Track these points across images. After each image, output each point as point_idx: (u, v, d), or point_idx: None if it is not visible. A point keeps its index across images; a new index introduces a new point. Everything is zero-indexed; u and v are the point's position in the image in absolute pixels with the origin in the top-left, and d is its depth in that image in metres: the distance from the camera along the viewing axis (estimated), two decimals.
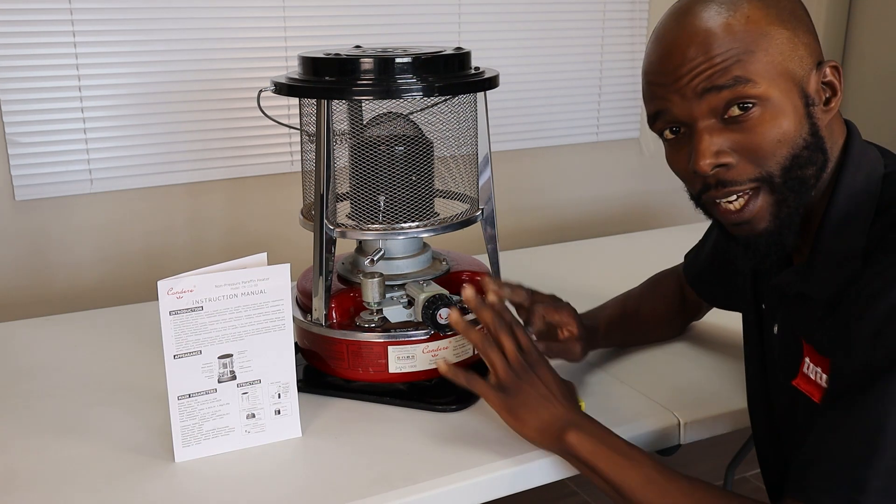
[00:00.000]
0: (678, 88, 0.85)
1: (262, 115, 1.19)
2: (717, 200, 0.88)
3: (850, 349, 0.80)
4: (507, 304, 1.12)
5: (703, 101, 0.84)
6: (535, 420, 0.97)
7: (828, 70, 0.86)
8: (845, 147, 0.89)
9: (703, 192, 0.89)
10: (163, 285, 0.97)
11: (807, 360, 0.90)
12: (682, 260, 1.30)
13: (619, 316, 1.26)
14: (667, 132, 0.90)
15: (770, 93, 0.82)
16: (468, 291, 1.01)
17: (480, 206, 1.20)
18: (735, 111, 0.83)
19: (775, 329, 0.98)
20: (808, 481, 0.80)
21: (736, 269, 1.08)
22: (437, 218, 1.16)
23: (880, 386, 0.76)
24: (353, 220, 1.15)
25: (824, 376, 0.86)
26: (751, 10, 0.84)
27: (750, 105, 0.83)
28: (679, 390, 1.18)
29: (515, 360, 0.99)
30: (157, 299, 0.97)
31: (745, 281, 1.06)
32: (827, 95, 0.86)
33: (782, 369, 0.96)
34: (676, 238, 1.05)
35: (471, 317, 1.10)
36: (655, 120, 0.90)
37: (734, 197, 0.87)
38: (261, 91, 1.14)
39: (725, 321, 1.32)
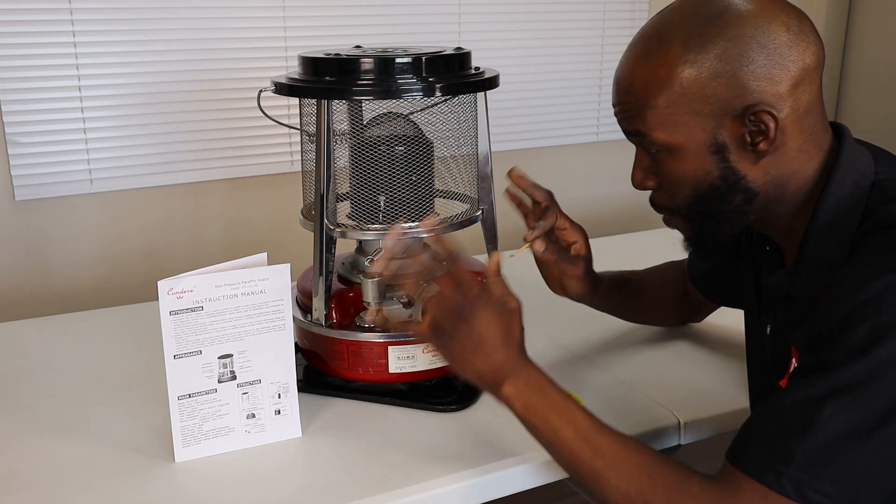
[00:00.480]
0: (617, 116, 0.94)
1: (262, 115, 1.19)
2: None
3: (814, 341, 0.81)
4: (525, 197, 1.16)
5: (629, 135, 0.93)
6: (471, 369, 0.93)
7: (758, 114, 0.84)
8: (835, 153, 0.89)
9: None
10: (163, 285, 0.97)
11: (793, 360, 0.92)
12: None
13: (623, 281, 1.28)
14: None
15: (668, 141, 0.87)
16: (377, 265, 1.06)
17: (480, 206, 1.20)
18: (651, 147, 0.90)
19: (768, 329, 0.99)
20: (740, 445, 0.82)
21: (737, 266, 1.08)
22: (438, 218, 1.16)
23: (829, 373, 0.77)
24: (353, 220, 1.15)
25: None
26: (671, 56, 0.85)
27: (654, 149, 0.89)
28: (679, 390, 1.18)
29: (448, 303, 0.92)
30: (157, 299, 0.97)
31: (747, 281, 1.06)
32: (756, 139, 0.85)
33: (774, 369, 0.97)
34: (676, 238, 1.04)
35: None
36: None
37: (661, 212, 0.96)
38: (261, 91, 1.14)
39: (726, 321, 1.33)
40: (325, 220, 1.11)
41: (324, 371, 1.17)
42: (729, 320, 1.28)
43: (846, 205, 0.87)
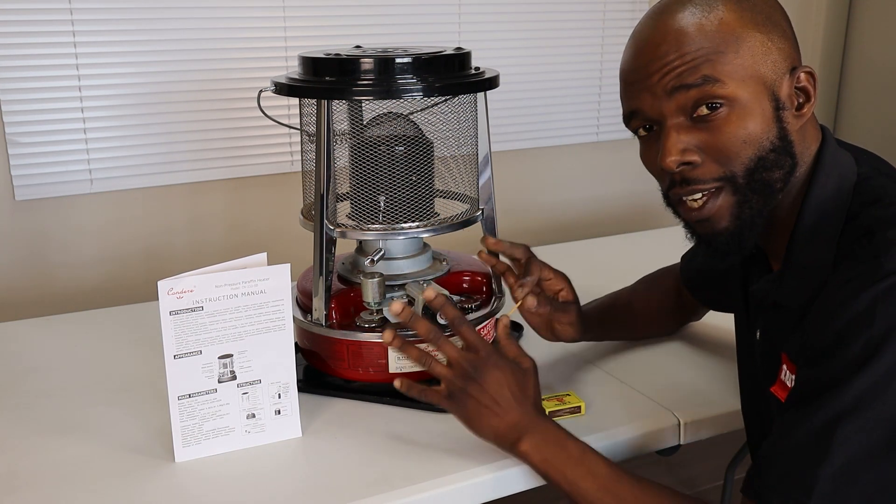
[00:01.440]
0: (649, 86, 0.86)
1: (262, 115, 1.19)
2: (683, 198, 0.89)
3: (811, 358, 0.81)
4: (505, 259, 1.14)
5: (672, 100, 0.85)
6: (488, 429, 0.95)
7: (802, 75, 0.86)
8: (818, 155, 0.89)
9: (671, 188, 0.90)
10: (163, 285, 0.97)
11: (784, 367, 0.91)
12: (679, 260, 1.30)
13: (609, 306, 1.27)
14: (641, 130, 0.92)
15: (738, 94, 0.83)
16: (395, 306, 0.97)
17: (480, 207, 1.20)
18: (703, 110, 0.84)
19: (758, 334, 0.99)
20: (760, 480, 0.82)
21: (728, 271, 1.08)
22: (438, 218, 1.16)
23: (834, 393, 0.77)
24: (353, 220, 1.15)
25: None
26: (725, 13, 0.84)
27: (718, 105, 0.84)
28: (679, 390, 1.18)
29: (458, 367, 0.95)
30: (158, 299, 0.97)
31: (735, 285, 1.06)
32: (800, 100, 0.87)
33: (764, 375, 0.97)
34: (676, 238, 1.05)
35: (468, 317, 1.10)
36: (630, 119, 0.92)
37: (698, 195, 0.88)
38: (261, 91, 1.14)
39: (725, 321, 1.32)
40: (325, 220, 1.11)
41: (324, 371, 1.17)
42: (728, 320, 1.28)
43: (829, 207, 0.86)
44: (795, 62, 0.87)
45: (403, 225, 1.13)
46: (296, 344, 1.16)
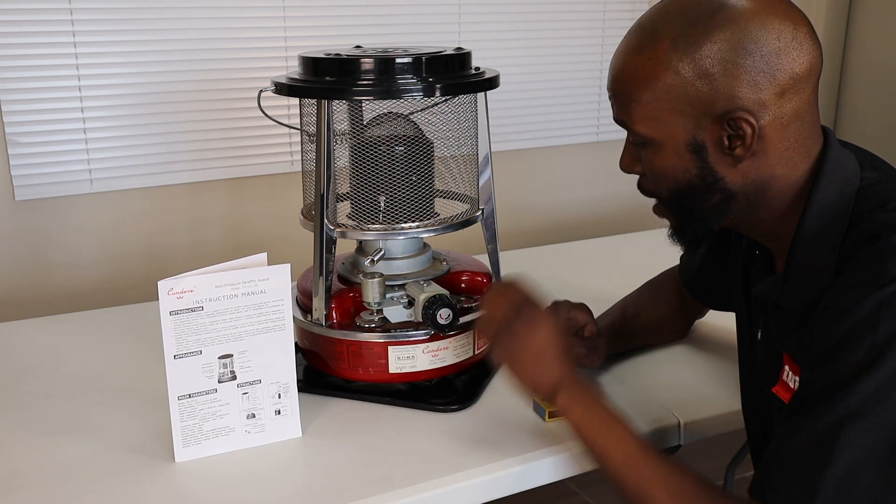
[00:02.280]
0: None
1: (262, 115, 1.19)
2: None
3: (815, 361, 0.81)
4: None
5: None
6: (529, 376, 0.98)
7: (739, 121, 0.84)
8: (820, 160, 0.89)
9: None
10: (163, 285, 0.97)
11: (786, 368, 0.92)
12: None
13: (619, 322, 1.26)
14: None
15: (649, 134, 0.89)
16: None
17: (480, 207, 1.20)
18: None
19: (759, 335, 0.99)
20: (765, 482, 0.82)
21: (728, 270, 1.08)
22: (438, 218, 1.16)
23: (838, 397, 0.77)
24: (353, 220, 1.15)
25: None
26: (659, 52, 0.85)
27: (639, 140, 0.91)
28: (679, 390, 1.18)
29: (515, 312, 0.98)
30: (158, 299, 0.97)
31: (737, 285, 1.06)
32: (735, 144, 0.85)
33: (765, 375, 0.97)
34: None
35: (471, 317, 1.11)
36: None
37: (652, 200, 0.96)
38: (261, 91, 1.14)
39: (725, 321, 1.32)
40: (326, 221, 1.11)
41: (324, 371, 1.17)
42: (729, 320, 1.27)
43: (832, 212, 0.86)
44: (736, 104, 0.83)
45: (403, 225, 1.13)
46: (296, 344, 1.16)
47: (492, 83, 1.13)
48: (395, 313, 1.13)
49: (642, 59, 0.86)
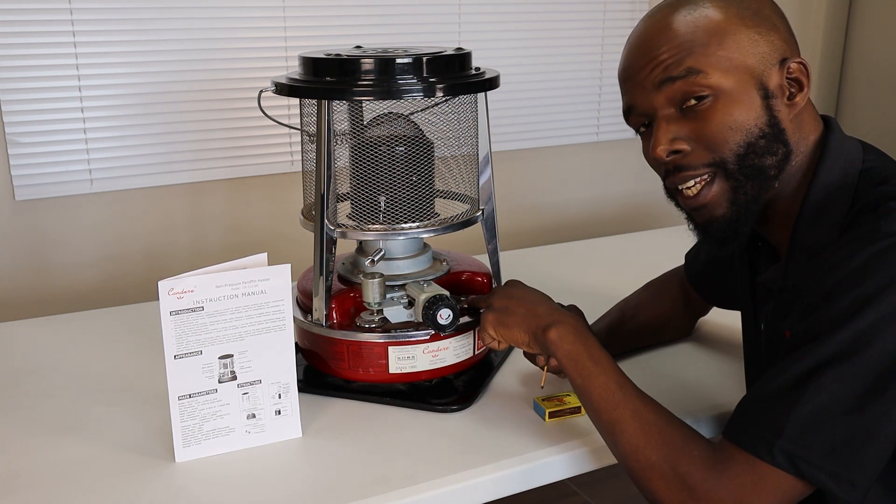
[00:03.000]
0: (640, 82, 0.91)
1: (262, 115, 1.19)
2: (679, 187, 0.93)
3: (803, 313, 0.83)
4: None
5: (660, 93, 0.90)
6: (521, 320, 1.02)
7: (793, 66, 0.89)
8: (823, 142, 0.92)
9: (666, 178, 0.94)
10: (163, 285, 0.97)
11: None
12: (681, 260, 1.30)
13: (619, 322, 1.26)
14: (641, 127, 0.96)
15: (723, 84, 0.87)
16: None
17: (481, 207, 1.20)
18: (691, 101, 0.89)
19: (763, 326, 1.00)
20: (735, 419, 0.85)
21: (734, 267, 1.08)
22: (438, 218, 1.16)
23: (816, 344, 0.80)
24: (353, 220, 1.15)
25: None
26: (710, 10, 0.89)
27: (704, 95, 0.88)
28: (679, 389, 1.18)
29: (504, 291, 1.08)
30: (158, 299, 0.97)
31: (743, 279, 1.06)
32: (792, 90, 0.90)
33: (769, 364, 0.97)
34: (676, 238, 1.05)
35: (468, 318, 1.11)
36: (628, 116, 0.97)
37: (691, 182, 0.92)
38: (261, 91, 1.14)
39: (727, 319, 1.32)
40: (326, 221, 1.11)
41: (324, 371, 1.17)
42: (730, 319, 1.28)
43: (835, 190, 0.89)
44: (787, 54, 0.90)
45: (404, 225, 1.13)
46: (296, 344, 1.16)
47: (492, 83, 1.13)
48: (396, 313, 1.13)
49: (704, 11, 0.89)
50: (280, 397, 1.06)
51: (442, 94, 1.10)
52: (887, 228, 0.80)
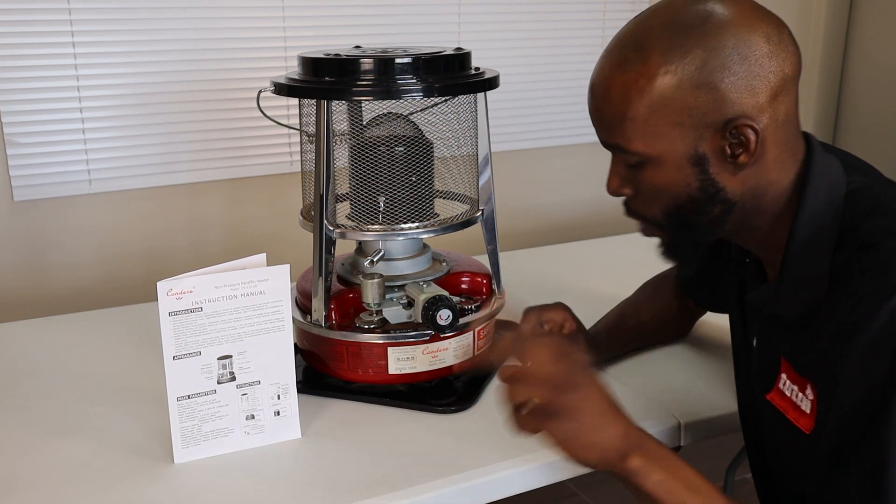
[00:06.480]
0: (595, 127, 0.91)
1: (261, 115, 1.18)
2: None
3: (838, 386, 0.79)
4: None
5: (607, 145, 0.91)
6: (592, 453, 0.84)
7: (741, 129, 0.82)
8: (805, 166, 0.88)
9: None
10: (162, 286, 0.97)
11: (783, 376, 0.90)
12: None
13: (617, 323, 1.26)
14: None
15: (649, 152, 0.86)
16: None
17: (480, 207, 1.20)
18: (630, 159, 0.88)
19: (754, 342, 0.98)
20: None
21: (724, 276, 1.08)
22: (437, 219, 1.16)
23: (876, 425, 0.76)
24: (352, 220, 1.15)
25: (802, 396, 0.86)
26: (651, 66, 0.82)
27: (633, 160, 0.88)
28: (679, 391, 1.18)
29: (555, 376, 0.85)
30: (157, 300, 0.97)
31: (731, 291, 1.05)
32: (737, 151, 0.84)
33: (758, 381, 0.96)
34: None
35: (468, 318, 1.11)
36: None
37: (639, 222, 0.95)
38: (260, 91, 1.14)
39: (725, 321, 1.32)
40: (325, 221, 1.11)
41: (323, 372, 1.17)
42: (728, 321, 1.28)
43: (822, 219, 0.85)
44: (736, 112, 0.82)
45: (403, 226, 1.13)
46: (295, 345, 1.15)
47: (491, 83, 1.13)
48: (395, 314, 1.13)
49: (632, 75, 0.83)
50: (279, 398, 1.05)
51: (441, 95, 1.09)
52: None
